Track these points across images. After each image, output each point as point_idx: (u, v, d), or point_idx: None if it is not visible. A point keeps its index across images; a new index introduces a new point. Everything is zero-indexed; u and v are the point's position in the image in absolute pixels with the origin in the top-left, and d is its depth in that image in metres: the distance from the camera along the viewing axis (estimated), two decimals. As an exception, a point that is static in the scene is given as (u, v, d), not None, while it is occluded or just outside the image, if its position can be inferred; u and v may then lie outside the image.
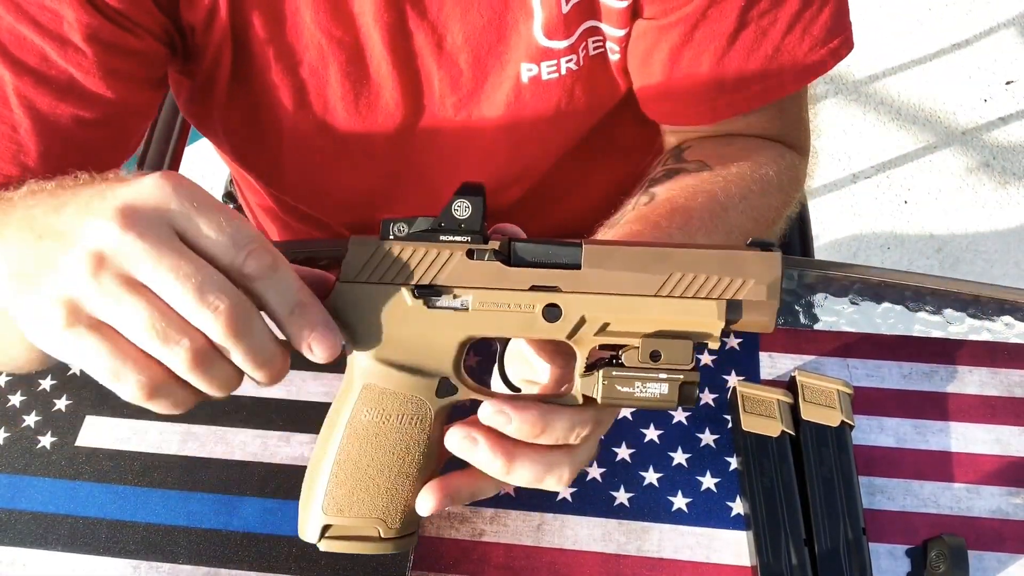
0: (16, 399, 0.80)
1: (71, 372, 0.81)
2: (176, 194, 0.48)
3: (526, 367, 0.59)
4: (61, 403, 0.79)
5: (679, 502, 0.73)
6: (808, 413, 0.72)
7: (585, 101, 0.84)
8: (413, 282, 0.53)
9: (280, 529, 0.72)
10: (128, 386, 0.48)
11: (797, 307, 0.83)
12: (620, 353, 0.53)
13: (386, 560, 0.70)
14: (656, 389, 0.52)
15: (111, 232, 0.47)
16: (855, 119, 2.15)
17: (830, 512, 0.69)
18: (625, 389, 0.52)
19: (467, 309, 0.53)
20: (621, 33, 0.78)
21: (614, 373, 0.53)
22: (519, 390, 0.57)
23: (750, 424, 0.72)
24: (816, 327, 0.82)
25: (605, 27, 0.78)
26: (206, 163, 0.88)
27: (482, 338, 0.54)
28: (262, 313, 0.49)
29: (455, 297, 0.53)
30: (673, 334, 0.53)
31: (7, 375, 0.81)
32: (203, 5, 0.73)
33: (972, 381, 0.77)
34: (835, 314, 0.82)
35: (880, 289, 0.84)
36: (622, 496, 0.73)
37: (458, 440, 0.53)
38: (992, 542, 0.70)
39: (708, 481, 0.74)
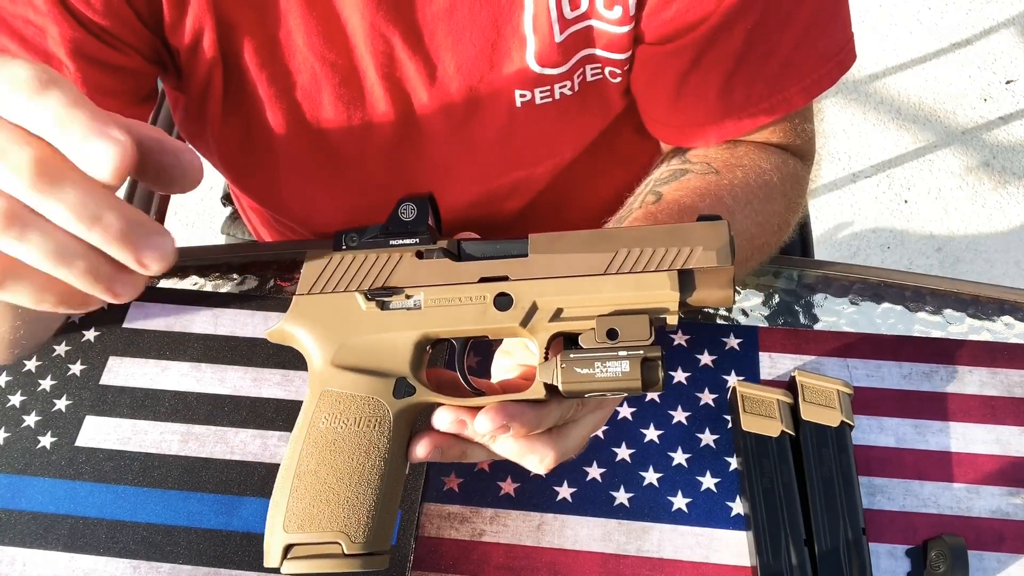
0: (16, 399, 0.80)
1: (71, 372, 0.81)
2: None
3: (527, 354, 0.59)
4: (61, 403, 0.79)
5: (679, 502, 0.73)
6: (808, 413, 0.72)
7: (580, 123, 0.84)
8: (366, 288, 0.54)
9: (280, 529, 0.72)
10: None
11: (797, 307, 0.83)
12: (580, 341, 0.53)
13: (386, 560, 0.70)
14: (617, 367, 0.51)
15: None
16: (855, 119, 2.15)
17: (830, 512, 0.69)
18: (585, 371, 0.51)
19: (420, 308, 0.53)
20: (622, 57, 0.77)
21: (572, 355, 0.51)
22: (481, 392, 0.56)
23: (750, 424, 0.72)
24: (816, 327, 0.82)
25: (604, 53, 0.77)
26: (205, 162, 0.89)
27: (439, 339, 0.54)
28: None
29: (408, 297, 0.54)
30: (629, 312, 0.52)
31: (7, 375, 0.81)
32: (187, 30, 0.72)
33: (972, 381, 0.77)
34: (835, 314, 0.82)
35: (880, 289, 0.84)
36: (622, 496, 0.73)
37: (448, 422, 0.53)
38: (992, 542, 0.70)
39: (708, 481, 0.74)
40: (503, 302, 0.53)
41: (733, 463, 0.75)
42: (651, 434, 0.76)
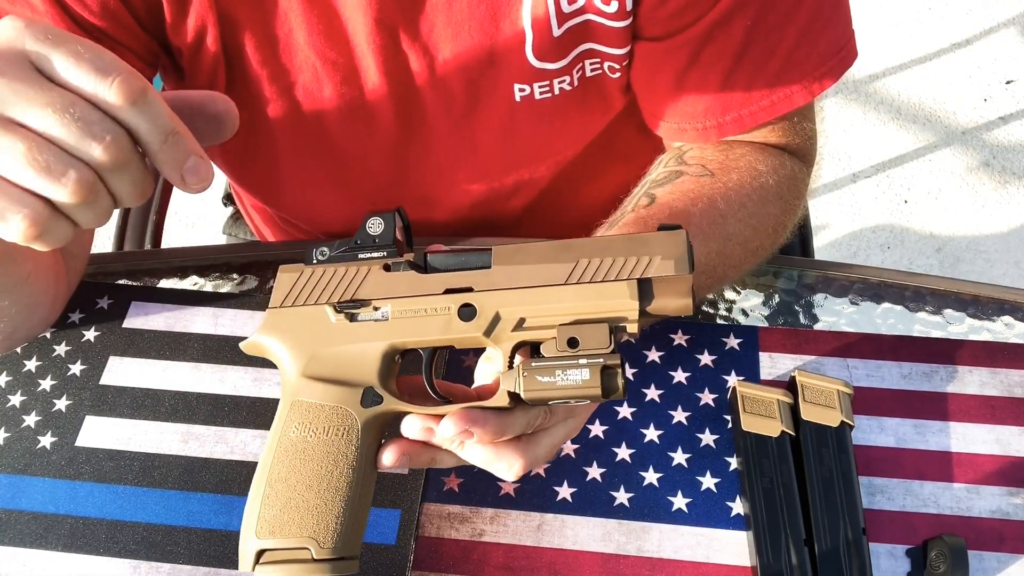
0: (16, 399, 0.80)
1: (71, 372, 0.81)
2: (28, 30, 0.46)
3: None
4: (61, 403, 0.79)
5: (679, 502, 0.73)
6: (808, 413, 0.72)
7: (581, 119, 0.84)
8: (335, 300, 0.55)
9: (280, 529, 0.72)
10: (12, 225, 0.47)
11: (797, 307, 0.83)
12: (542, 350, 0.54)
13: (386, 560, 0.70)
14: (577, 375, 0.52)
15: None
16: (855, 119, 2.15)
17: (830, 512, 0.69)
18: (546, 379, 0.52)
19: (387, 319, 0.55)
20: (621, 52, 0.77)
21: (533, 364, 0.53)
22: (447, 400, 0.57)
23: (750, 424, 0.72)
24: (816, 327, 0.82)
25: (602, 48, 0.77)
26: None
27: (407, 349, 0.56)
28: None
29: (375, 309, 0.55)
30: (590, 321, 0.53)
31: (7, 375, 0.81)
32: (190, 29, 0.72)
33: (972, 381, 0.77)
34: (835, 314, 0.82)
35: (880, 289, 0.84)
36: (622, 496, 0.73)
37: (416, 430, 0.55)
38: (992, 542, 0.70)
39: (708, 481, 0.74)
40: (467, 312, 0.54)
41: (733, 463, 0.75)
42: (651, 434, 0.76)
